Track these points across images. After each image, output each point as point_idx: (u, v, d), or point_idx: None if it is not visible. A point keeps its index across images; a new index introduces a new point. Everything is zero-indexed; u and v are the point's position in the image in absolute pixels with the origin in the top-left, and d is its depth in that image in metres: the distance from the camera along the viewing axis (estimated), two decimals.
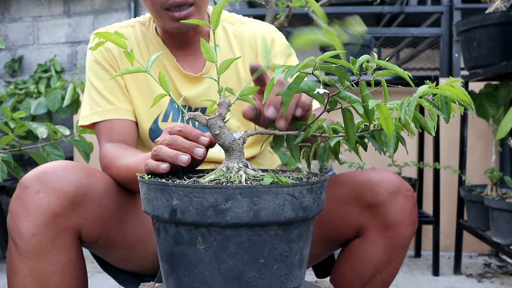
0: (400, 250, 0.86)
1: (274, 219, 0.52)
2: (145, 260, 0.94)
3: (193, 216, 0.51)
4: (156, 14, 0.91)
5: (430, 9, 2.59)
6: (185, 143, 0.62)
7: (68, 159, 2.50)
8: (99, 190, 0.80)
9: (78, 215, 0.76)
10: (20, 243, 0.73)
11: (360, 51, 1.91)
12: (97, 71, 0.99)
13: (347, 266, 0.89)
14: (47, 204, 0.72)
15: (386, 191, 0.82)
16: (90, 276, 1.84)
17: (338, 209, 0.86)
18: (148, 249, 0.93)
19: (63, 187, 0.74)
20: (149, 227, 0.93)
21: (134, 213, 0.90)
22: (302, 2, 1.78)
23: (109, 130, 0.96)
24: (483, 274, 1.91)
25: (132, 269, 0.98)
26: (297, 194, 0.53)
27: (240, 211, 0.50)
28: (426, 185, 2.17)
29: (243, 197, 0.50)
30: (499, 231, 1.60)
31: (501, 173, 1.79)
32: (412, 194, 0.86)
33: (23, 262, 0.74)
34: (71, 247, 0.77)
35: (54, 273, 0.75)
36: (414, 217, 0.85)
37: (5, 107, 1.24)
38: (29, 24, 2.78)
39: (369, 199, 0.83)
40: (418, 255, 2.18)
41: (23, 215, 0.72)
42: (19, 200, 0.73)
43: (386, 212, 0.83)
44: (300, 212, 0.54)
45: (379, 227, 0.84)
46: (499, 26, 1.68)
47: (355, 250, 0.88)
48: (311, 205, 0.55)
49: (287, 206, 0.52)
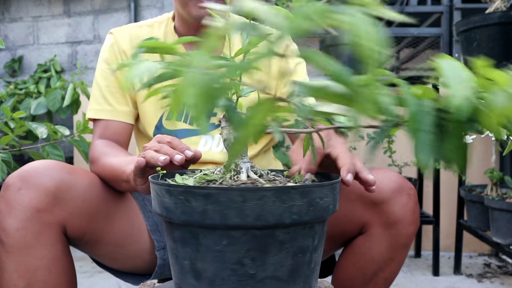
0: (403, 248, 0.87)
1: (307, 219, 0.53)
2: (136, 257, 0.94)
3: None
4: (183, 2, 0.94)
5: (430, 9, 2.59)
6: (169, 150, 0.67)
7: (68, 159, 2.49)
8: (82, 185, 0.81)
9: (61, 210, 0.77)
10: (5, 239, 0.74)
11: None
12: (104, 69, 1.01)
13: (350, 264, 0.90)
14: (29, 200, 0.74)
15: (389, 189, 0.84)
16: (89, 276, 1.84)
17: (342, 206, 0.86)
18: (138, 245, 0.93)
19: (44, 182, 0.75)
20: (137, 223, 0.93)
21: (120, 208, 0.90)
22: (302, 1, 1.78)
23: (103, 128, 0.99)
24: (483, 274, 1.91)
25: (125, 269, 0.98)
26: (322, 195, 0.54)
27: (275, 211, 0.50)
28: (426, 185, 2.17)
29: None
30: (499, 231, 1.60)
31: (501, 173, 1.79)
32: (415, 193, 0.87)
33: (9, 258, 0.75)
34: (56, 242, 0.78)
35: (41, 267, 0.76)
36: (417, 215, 0.86)
37: (5, 107, 1.24)
38: (29, 24, 2.78)
39: (373, 197, 0.84)
40: (418, 255, 2.18)
41: (6, 212, 0.74)
42: (2, 198, 0.75)
43: (390, 210, 0.84)
44: (320, 212, 0.54)
45: (382, 225, 0.85)
46: (499, 26, 1.68)
47: (359, 247, 0.89)
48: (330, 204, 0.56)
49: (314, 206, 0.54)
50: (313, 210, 0.52)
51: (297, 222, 0.51)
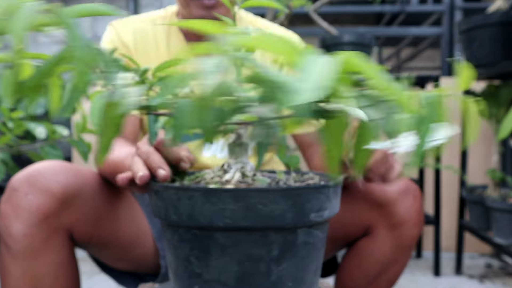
0: (407, 249, 0.87)
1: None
2: (141, 259, 0.93)
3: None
4: (184, 2, 0.92)
5: (431, 8, 2.58)
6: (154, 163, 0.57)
7: (66, 159, 2.48)
8: (89, 189, 0.80)
9: (68, 215, 0.76)
10: (12, 245, 0.73)
11: (360, 51, 1.90)
12: None
13: (354, 265, 0.89)
14: (36, 206, 0.72)
15: (395, 190, 0.83)
16: (89, 277, 1.83)
17: (346, 208, 0.86)
18: (144, 249, 0.92)
19: (51, 188, 0.74)
20: (143, 226, 0.92)
21: (127, 213, 0.89)
22: (302, 1, 1.77)
23: None
24: (485, 275, 1.90)
25: (128, 269, 0.97)
26: (265, 201, 0.51)
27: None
28: (427, 185, 2.16)
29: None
30: (501, 231, 1.59)
31: (502, 173, 1.78)
32: (420, 195, 0.87)
33: (15, 263, 0.74)
34: (63, 248, 0.77)
35: (47, 273, 0.75)
36: (421, 217, 0.86)
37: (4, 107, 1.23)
38: None
39: (378, 198, 0.83)
40: (419, 256, 2.17)
41: (13, 217, 0.72)
42: (9, 203, 0.74)
43: (395, 211, 0.83)
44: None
45: (387, 226, 0.85)
46: (501, 25, 1.67)
47: (363, 248, 0.88)
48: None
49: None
50: (253, 216, 0.48)
51: (233, 227, 0.49)
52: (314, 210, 0.51)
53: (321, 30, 2.14)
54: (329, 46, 1.95)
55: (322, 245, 0.57)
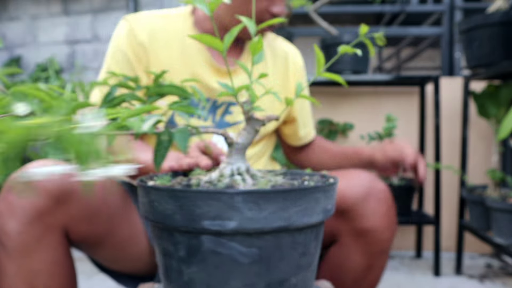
0: (380, 254, 0.83)
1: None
2: (137, 260, 0.93)
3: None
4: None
5: (431, 8, 2.57)
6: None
7: None
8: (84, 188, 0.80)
9: (63, 213, 0.76)
10: (7, 243, 0.73)
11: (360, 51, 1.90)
12: (119, 61, 0.97)
13: (328, 276, 0.88)
14: (31, 203, 0.73)
15: (353, 197, 0.79)
16: (88, 278, 1.83)
17: None
18: (139, 248, 0.92)
19: (46, 185, 0.74)
20: (138, 226, 0.92)
21: (122, 212, 0.89)
22: (302, 1, 1.76)
23: None
24: (485, 275, 1.90)
25: (125, 271, 0.97)
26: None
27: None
28: (427, 185, 2.15)
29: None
30: (501, 232, 1.59)
31: (502, 173, 1.78)
32: (386, 196, 0.82)
33: (10, 261, 0.74)
34: (58, 245, 0.77)
35: (43, 271, 0.75)
36: (391, 219, 0.82)
37: None
38: (27, 23, 2.77)
39: (338, 205, 0.80)
40: (419, 256, 2.17)
41: (8, 215, 0.73)
42: (4, 201, 0.74)
43: (358, 218, 0.80)
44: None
45: (352, 233, 0.82)
46: (501, 25, 1.67)
47: (333, 257, 0.86)
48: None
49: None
50: (153, 213, 0.54)
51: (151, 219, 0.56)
52: (207, 217, 0.48)
53: (321, 30, 2.14)
54: (329, 46, 1.95)
55: (249, 259, 0.50)
